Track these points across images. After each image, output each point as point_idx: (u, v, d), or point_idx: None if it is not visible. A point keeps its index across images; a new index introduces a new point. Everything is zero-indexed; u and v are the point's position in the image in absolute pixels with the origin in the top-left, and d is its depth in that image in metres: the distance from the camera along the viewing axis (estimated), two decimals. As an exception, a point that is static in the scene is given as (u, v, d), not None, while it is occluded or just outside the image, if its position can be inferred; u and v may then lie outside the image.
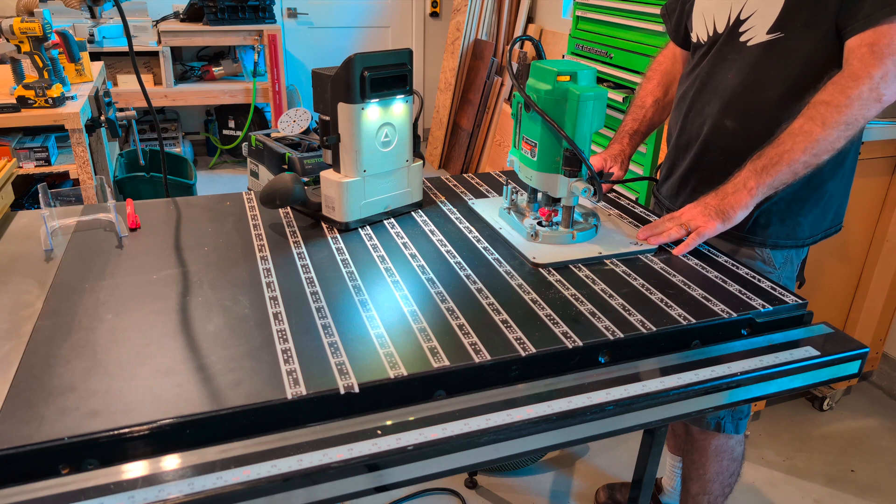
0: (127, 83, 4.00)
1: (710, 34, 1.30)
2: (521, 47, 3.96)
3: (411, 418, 0.77)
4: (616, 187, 1.48)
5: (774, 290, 1.06)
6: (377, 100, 1.18)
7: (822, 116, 1.10)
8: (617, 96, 2.60)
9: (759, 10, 1.20)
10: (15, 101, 2.22)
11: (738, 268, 1.13)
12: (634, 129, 1.48)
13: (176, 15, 4.18)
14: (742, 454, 1.54)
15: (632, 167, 2.56)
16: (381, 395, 0.81)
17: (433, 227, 1.26)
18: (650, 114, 1.49)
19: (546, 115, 1.12)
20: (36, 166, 2.39)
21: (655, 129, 1.54)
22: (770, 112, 1.21)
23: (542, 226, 1.20)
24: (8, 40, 2.24)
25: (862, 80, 1.07)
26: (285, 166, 2.91)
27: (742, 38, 1.24)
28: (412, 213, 1.33)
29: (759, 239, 1.31)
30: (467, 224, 1.28)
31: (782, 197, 1.26)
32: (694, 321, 0.96)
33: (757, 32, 1.22)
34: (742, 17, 1.23)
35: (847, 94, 1.08)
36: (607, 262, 1.14)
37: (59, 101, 2.26)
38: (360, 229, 1.24)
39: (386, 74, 1.18)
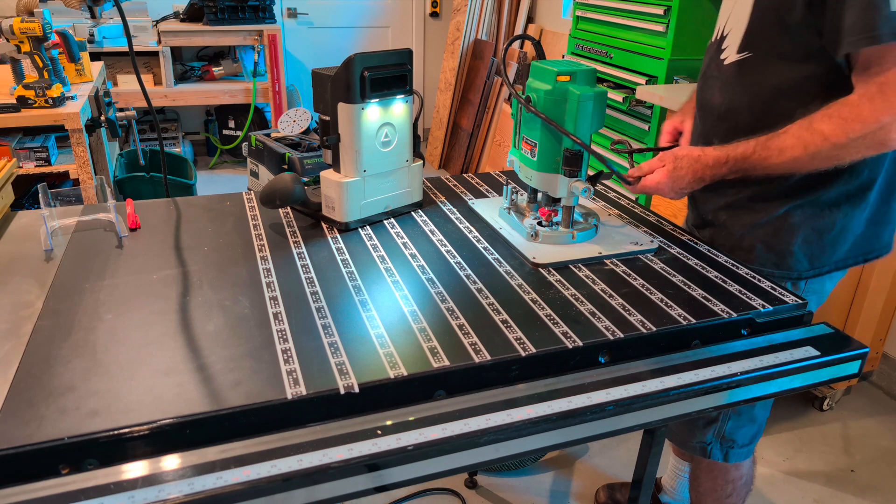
0: (127, 83, 4.00)
1: (709, 47, 1.28)
2: (521, 47, 3.96)
3: (411, 418, 0.77)
4: (616, 188, 1.47)
5: (774, 290, 1.06)
6: (377, 100, 1.18)
7: (817, 147, 1.03)
8: (617, 96, 2.60)
9: (735, 27, 1.17)
10: (15, 101, 2.22)
11: (738, 268, 1.13)
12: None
13: (176, 15, 4.18)
14: (742, 478, 1.47)
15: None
16: (381, 395, 0.81)
17: (433, 227, 1.26)
18: None
19: (542, 114, 1.12)
20: (36, 166, 2.39)
21: None
22: (746, 136, 1.14)
23: (542, 226, 1.20)
24: (8, 40, 2.24)
25: (868, 124, 0.98)
26: (285, 166, 2.91)
27: (722, 56, 1.20)
28: (412, 213, 1.33)
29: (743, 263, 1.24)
30: (467, 224, 1.28)
31: (769, 222, 1.20)
32: (694, 321, 0.96)
33: (731, 51, 1.18)
34: (724, 33, 1.20)
35: (848, 135, 1.00)
36: (607, 262, 1.14)
37: (59, 101, 2.26)
38: (360, 229, 1.24)
39: (386, 74, 1.18)
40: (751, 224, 1.22)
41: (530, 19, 4.17)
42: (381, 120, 1.21)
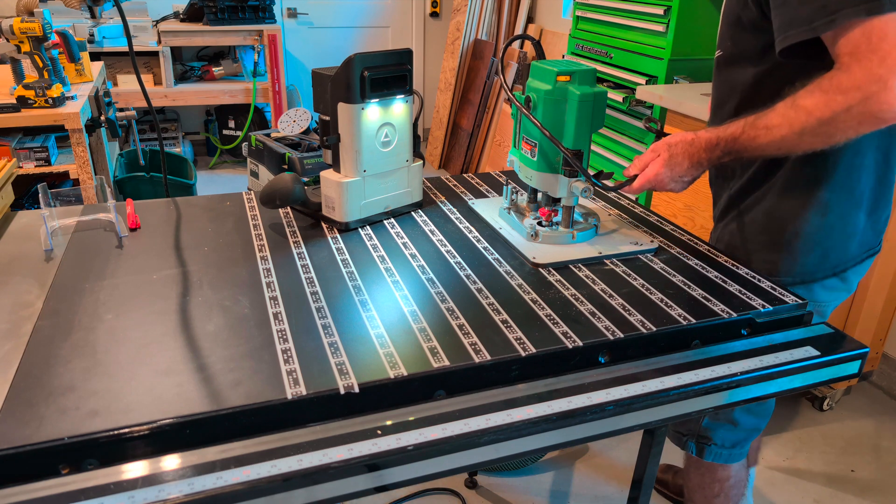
0: (127, 83, 4.00)
1: None
2: (521, 47, 3.96)
3: (411, 418, 0.77)
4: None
5: (774, 290, 1.06)
6: (377, 100, 1.18)
7: (802, 123, 0.99)
8: (617, 96, 2.60)
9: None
10: (15, 101, 2.22)
11: (738, 268, 1.13)
12: None
13: (176, 15, 4.18)
14: (729, 479, 1.46)
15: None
16: (381, 395, 0.81)
17: (433, 227, 1.26)
18: None
19: (536, 119, 1.12)
20: (36, 166, 2.39)
21: None
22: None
23: (542, 226, 1.20)
24: (8, 40, 2.24)
25: (850, 95, 0.93)
26: (285, 166, 2.91)
27: (716, 54, 1.26)
28: (412, 213, 1.33)
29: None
30: (467, 224, 1.28)
31: (734, 218, 1.24)
32: (694, 321, 0.96)
33: (717, 49, 1.24)
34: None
35: (832, 108, 0.95)
36: (607, 262, 1.14)
37: (59, 101, 2.26)
38: (360, 229, 1.24)
39: (386, 74, 1.18)
40: (724, 221, 1.27)
41: (530, 19, 4.17)
42: (381, 120, 1.21)
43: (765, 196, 1.19)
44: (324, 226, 1.26)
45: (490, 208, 1.32)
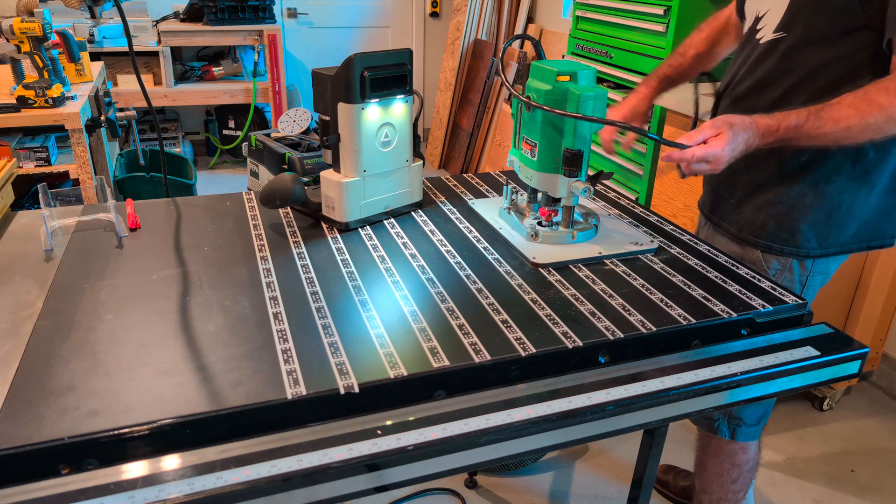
0: (127, 83, 4.00)
1: (747, 28, 1.33)
2: (521, 47, 3.96)
3: (411, 418, 0.77)
4: (616, 188, 1.48)
5: (774, 290, 1.06)
6: (377, 100, 1.18)
7: (874, 118, 1.05)
8: (617, 96, 2.60)
9: (772, 9, 1.23)
10: (15, 101, 2.21)
11: (738, 268, 1.14)
12: (667, 74, 1.50)
13: (176, 15, 4.18)
14: (748, 463, 1.49)
15: (631, 165, 2.56)
16: (381, 395, 0.81)
17: (433, 227, 1.26)
18: (687, 64, 1.51)
19: (546, 107, 1.11)
20: (36, 166, 2.39)
21: (686, 80, 1.54)
22: (767, 111, 1.17)
23: (542, 226, 1.20)
24: (8, 40, 2.24)
25: None
26: (285, 166, 2.91)
27: (757, 36, 1.26)
28: (412, 213, 1.33)
29: (753, 239, 1.30)
30: (467, 224, 1.28)
31: (782, 200, 1.25)
32: (694, 321, 0.96)
33: (767, 31, 1.24)
34: (760, 15, 1.26)
35: None
36: (607, 262, 1.14)
37: (59, 101, 2.26)
38: (360, 229, 1.24)
39: (386, 74, 1.18)
40: (764, 203, 1.27)
41: (530, 19, 4.17)
42: (381, 120, 1.21)
43: (819, 184, 1.22)
44: (324, 226, 1.26)
45: (490, 208, 1.33)
